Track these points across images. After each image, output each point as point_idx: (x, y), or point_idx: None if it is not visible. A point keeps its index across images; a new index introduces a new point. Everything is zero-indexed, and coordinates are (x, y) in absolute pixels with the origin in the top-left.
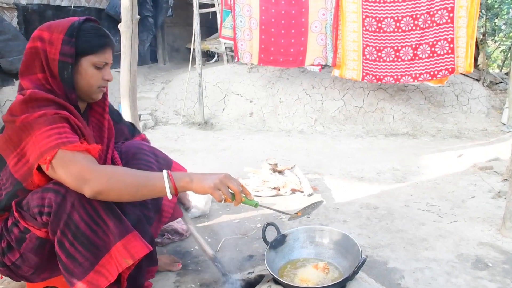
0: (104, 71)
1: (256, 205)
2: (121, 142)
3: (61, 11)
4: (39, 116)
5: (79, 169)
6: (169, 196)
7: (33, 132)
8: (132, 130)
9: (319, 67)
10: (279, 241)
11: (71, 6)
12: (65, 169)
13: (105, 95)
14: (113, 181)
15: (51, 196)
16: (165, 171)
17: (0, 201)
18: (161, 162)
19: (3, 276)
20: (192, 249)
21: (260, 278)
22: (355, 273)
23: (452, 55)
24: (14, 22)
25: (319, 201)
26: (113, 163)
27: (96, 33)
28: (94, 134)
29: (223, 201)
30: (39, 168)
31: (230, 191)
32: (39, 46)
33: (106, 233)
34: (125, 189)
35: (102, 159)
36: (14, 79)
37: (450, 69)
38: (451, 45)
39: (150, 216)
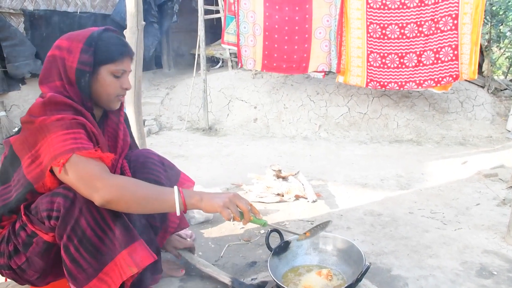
0: (122, 80)
1: (264, 224)
2: (130, 150)
3: (67, 17)
4: (57, 119)
5: (91, 176)
6: (178, 213)
7: (49, 135)
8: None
9: (323, 73)
10: (283, 248)
11: (77, 12)
12: (77, 174)
13: (121, 105)
14: (124, 192)
15: (60, 200)
16: (176, 188)
17: (9, 202)
18: (169, 172)
19: (7, 279)
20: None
21: (263, 285)
22: (358, 280)
23: (456, 62)
24: (21, 27)
25: (328, 221)
26: (122, 172)
27: (114, 42)
28: (109, 143)
29: (232, 220)
30: (51, 171)
31: (239, 210)
32: (57, 54)
33: (112, 241)
34: (135, 201)
35: (114, 168)
36: (20, 84)
37: (454, 76)
38: (455, 52)
39: (156, 226)
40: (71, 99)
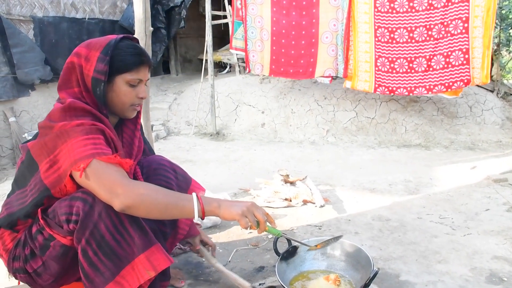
0: (138, 89)
1: (279, 235)
2: (143, 156)
3: (75, 23)
4: (77, 125)
5: (111, 182)
6: (196, 219)
7: (69, 140)
8: (151, 151)
9: (330, 78)
10: (291, 253)
11: (85, 18)
12: (98, 179)
13: (138, 113)
14: (144, 198)
15: (79, 204)
16: (194, 194)
17: (25, 206)
18: (180, 179)
19: (20, 283)
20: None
21: None
22: (366, 285)
23: (468, 66)
24: (31, 34)
25: (339, 236)
26: (135, 177)
27: (131, 52)
28: (124, 150)
29: (248, 228)
30: (71, 176)
31: (255, 219)
32: (75, 61)
33: (130, 245)
34: (155, 206)
35: (129, 174)
36: (30, 90)
37: (465, 81)
38: (466, 56)
39: (166, 232)
40: (89, 105)
